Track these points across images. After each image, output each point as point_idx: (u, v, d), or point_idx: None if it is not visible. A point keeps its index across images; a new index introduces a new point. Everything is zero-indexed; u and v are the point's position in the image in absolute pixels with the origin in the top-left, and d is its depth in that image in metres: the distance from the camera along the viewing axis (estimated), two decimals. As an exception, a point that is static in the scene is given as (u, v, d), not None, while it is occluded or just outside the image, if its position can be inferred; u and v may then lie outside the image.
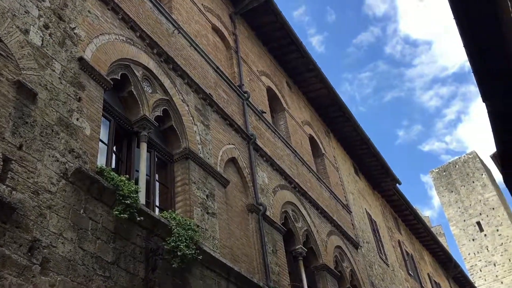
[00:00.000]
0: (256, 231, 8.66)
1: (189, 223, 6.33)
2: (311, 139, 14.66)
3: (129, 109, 7.00)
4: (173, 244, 5.89)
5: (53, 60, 5.62)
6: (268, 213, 9.24)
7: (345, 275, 11.93)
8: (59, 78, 5.60)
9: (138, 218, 5.58)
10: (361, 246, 14.13)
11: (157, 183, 7.18)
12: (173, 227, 6.05)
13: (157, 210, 6.82)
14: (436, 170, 70.87)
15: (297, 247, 10.14)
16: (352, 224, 14.51)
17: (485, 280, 60.25)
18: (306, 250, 10.39)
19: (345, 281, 11.82)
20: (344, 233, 13.09)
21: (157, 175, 7.21)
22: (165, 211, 6.48)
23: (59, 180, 5.01)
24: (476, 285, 41.12)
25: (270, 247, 8.85)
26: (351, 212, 14.92)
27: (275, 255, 8.92)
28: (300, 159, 12.59)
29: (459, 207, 66.09)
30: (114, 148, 6.62)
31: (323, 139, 15.68)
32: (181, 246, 5.89)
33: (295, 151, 12.47)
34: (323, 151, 15.12)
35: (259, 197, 9.15)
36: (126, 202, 5.42)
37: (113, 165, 6.42)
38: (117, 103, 6.93)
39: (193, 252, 6.03)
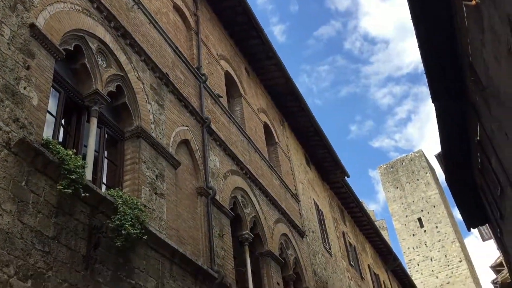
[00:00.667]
0: (204, 215, 8.65)
1: (136, 202, 6.23)
2: (266, 127, 14.74)
3: (81, 82, 6.78)
4: (118, 222, 5.78)
5: (2, 24, 5.36)
6: (217, 197, 9.25)
7: (289, 262, 12.15)
8: (8, 43, 5.35)
9: (83, 194, 5.43)
10: (306, 235, 14.40)
11: (106, 160, 7.02)
12: (119, 205, 5.93)
13: (103, 187, 6.68)
14: (384, 166, 73.15)
15: (243, 232, 10.22)
16: (300, 213, 14.76)
17: (422, 274, 63.01)
18: (252, 236, 10.48)
19: (289, 268, 12.04)
20: (291, 222, 13.29)
21: (106, 152, 7.05)
22: (112, 189, 6.35)
23: (1, 150, 4.80)
24: (413, 278, 42.84)
25: (217, 231, 8.87)
26: (300, 201, 15.17)
27: (221, 239, 8.95)
28: (253, 146, 12.64)
29: (402, 203, 68.57)
30: (63, 121, 6.40)
31: (278, 128, 15.80)
32: (126, 225, 5.79)
33: (249, 137, 12.50)
34: (277, 140, 15.25)
35: (209, 181, 9.13)
36: (71, 177, 5.26)
37: (61, 139, 6.21)
38: (69, 75, 6.69)
39: (138, 231, 5.95)
